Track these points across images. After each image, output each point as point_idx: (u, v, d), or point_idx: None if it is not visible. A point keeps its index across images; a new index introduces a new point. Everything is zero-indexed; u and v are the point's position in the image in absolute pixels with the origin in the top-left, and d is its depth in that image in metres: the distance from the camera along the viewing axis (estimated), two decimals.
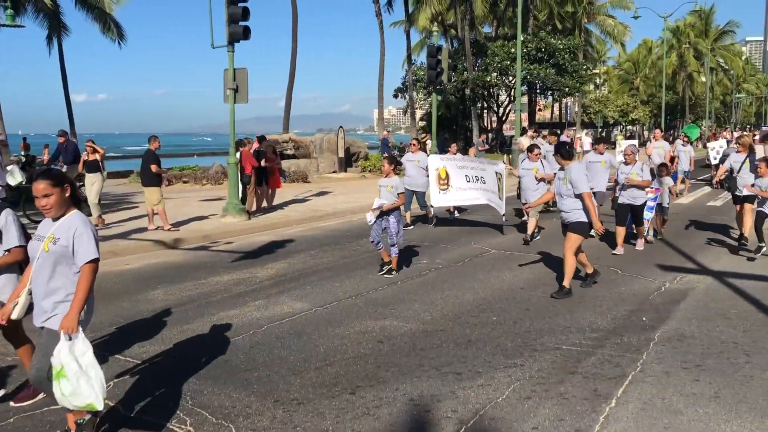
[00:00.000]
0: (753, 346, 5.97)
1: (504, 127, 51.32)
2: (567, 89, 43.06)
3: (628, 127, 73.87)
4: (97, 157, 13.13)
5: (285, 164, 22.93)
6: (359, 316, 7.02)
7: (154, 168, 12.42)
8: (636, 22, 73.91)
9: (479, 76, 39.86)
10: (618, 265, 9.64)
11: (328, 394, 4.94)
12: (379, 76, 37.44)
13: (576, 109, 59.37)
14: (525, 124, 43.98)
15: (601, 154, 12.26)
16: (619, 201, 10.87)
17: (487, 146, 31.30)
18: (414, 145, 13.86)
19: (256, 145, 15.35)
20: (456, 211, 14.66)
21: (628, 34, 56.02)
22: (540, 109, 65.95)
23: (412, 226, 13.28)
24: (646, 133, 74.59)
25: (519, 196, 12.69)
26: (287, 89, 33.66)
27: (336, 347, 6.00)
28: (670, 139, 22.32)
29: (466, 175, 12.89)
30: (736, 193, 11.30)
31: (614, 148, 24.68)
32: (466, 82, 39.15)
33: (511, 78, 40.08)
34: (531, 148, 11.90)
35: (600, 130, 58.90)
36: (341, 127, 27.80)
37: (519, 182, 12.23)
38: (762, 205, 10.07)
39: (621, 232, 10.66)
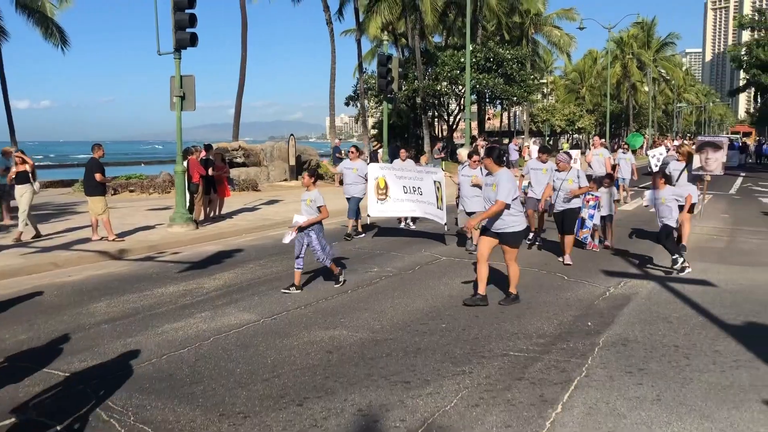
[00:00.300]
0: (692, 348, 6.14)
1: (454, 135, 51.85)
2: (515, 98, 43.81)
3: (574, 136, 75.55)
4: (27, 168, 12.66)
5: (235, 172, 22.66)
6: (308, 326, 6.96)
7: (98, 177, 12.10)
8: (581, 33, 75.93)
9: (430, 85, 40.21)
10: (564, 270, 9.81)
11: (275, 406, 4.87)
12: (330, 84, 37.40)
13: (524, 118, 60.43)
14: (475, 132, 44.57)
15: (544, 162, 11.91)
16: (555, 209, 10.65)
17: (443, 154, 31.43)
18: (353, 152, 13.52)
19: (203, 154, 15.12)
20: (411, 222, 14.35)
21: (574, 44, 57.39)
22: (489, 118, 66.87)
23: (363, 234, 13.26)
24: (597, 139, 76.23)
25: (458, 204, 12.16)
26: (237, 97, 33.31)
27: (284, 358, 5.92)
28: (615, 147, 22.61)
29: (403, 186, 12.67)
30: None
31: None
32: (416, 91, 39.44)
33: (460, 87, 40.56)
34: (470, 155, 11.62)
35: (548, 138, 60.02)
36: (292, 135, 27.63)
37: (458, 189, 11.92)
38: (664, 218, 9.86)
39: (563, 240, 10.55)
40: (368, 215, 13.21)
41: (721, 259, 10.77)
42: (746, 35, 57.63)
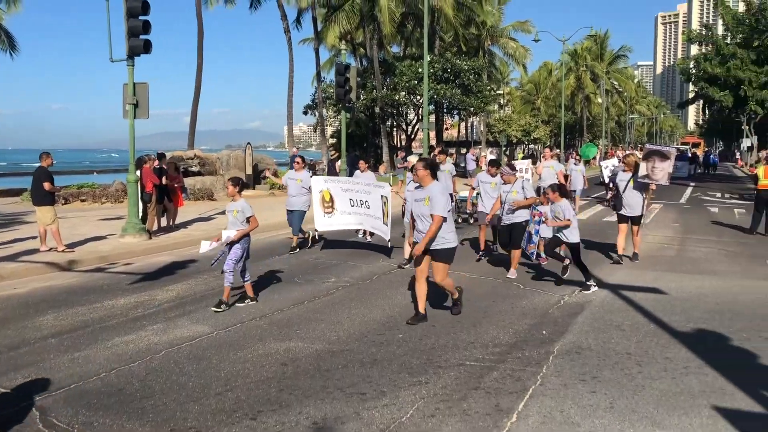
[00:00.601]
0: (644, 356, 6.24)
1: (413, 144, 52.10)
2: (472, 109, 44.22)
3: (530, 146, 76.71)
4: None
5: (190, 182, 22.33)
6: (263, 338, 6.85)
7: (46, 186, 11.75)
8: (537, 45, 77.41)
9: (388, 94, 40.34)
10: (520, 279, 9.89)
11: (228, 420, 4.76)
12: (288, 93, 37.25)
13: (481, 128, 61.06)
14: (433, 142, 44.85)
15: (493, 176, 11.38)
16: (502, 222, 10.36)
17: (406, 163, 31.12)
18: (298, 163, 12.91)
19: (157, 163, 14.84)
20: (369, 236, 13.75)
21: (530, 56, 58.25)
22: (447, 128, 67.49)
23: (298, 250, 12.54)
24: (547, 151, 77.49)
25: (404, 215, 11.55)
26: (192, 104, 32.89)
27: (238, 371, 5.81)
28: (567, 157, 22.50)
29: (350, 199, 12.33)
30: (622, 212, 11.59)
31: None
32: (375, 101, 39.52)
33: (419, 97, 40.78)
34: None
35: (504, 148, 60.79)
36: (249, 143, 27.41)
37: (404, 204, 11.46)
38: (557, 229, 9.63)
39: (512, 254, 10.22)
40: (316, 229, 12.78)
41: (671, 268, 11.01)
42: (695, 49, 59.40)
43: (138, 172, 13.81)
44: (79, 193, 22.15)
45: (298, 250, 12.53)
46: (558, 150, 34.92)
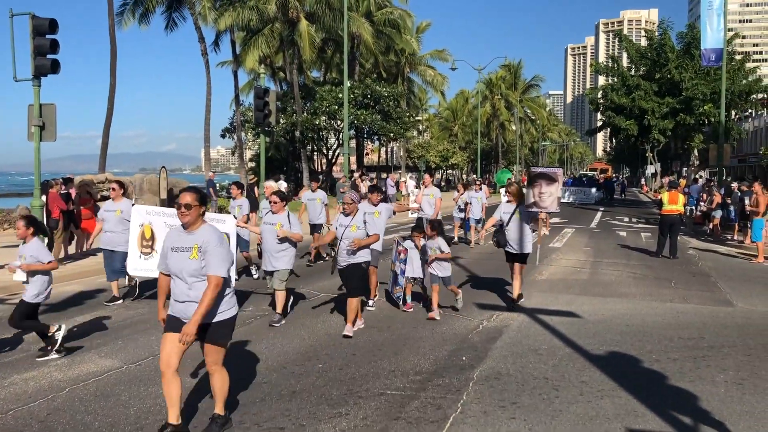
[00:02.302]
0: (561, 380, 6.35)
1: (334, 169, 52.13)
2: (392, 134, 44.81)
3: (448, 171, 78.12)
4: None
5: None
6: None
7: None
8: (454, 73, 79.63)
9: (308, 119, 40.29)
10: (442, 303, 9.89)
11: None
12: (205, 116, 36.53)
13: (401, 154, 61.85)
14: (353, 166, 45.01)
15: (376, 205, 9.98)
16: (338, 264, 8.27)
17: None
18: (114, 190, 10.34)
19: (63, 188, 14.16)
20: (256, 271, 12.08)
21: (447, 84, 59.68)
22: (368, 153, 68.00)
23: (122, 301, 10.10)
24: (464, 176, 79.23)
25: (260, 255, 10.00)
26: (104, 126, 31.76)
27: (149, 408, 5.52)
28: (464, 184, 20.04)
29: None
30: (507, 249, 9.84)
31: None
32: (295, 125, 39.37)
33: (339, 122, 40.97)
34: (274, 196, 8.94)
35: (424, 173, 61.81)
36: (164, 167, 26.59)
37: (259, 241, 9.75)
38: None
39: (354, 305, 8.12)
40: (127, 273, 9.96)
41: (584, 291, 11.35)
42: (602, 80, 62.40)
43: (44, 197, 13.13)
44: None
45: (121, 301, 10.05)
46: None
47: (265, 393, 5.93)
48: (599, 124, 58.93)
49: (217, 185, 30.81)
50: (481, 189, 18.58)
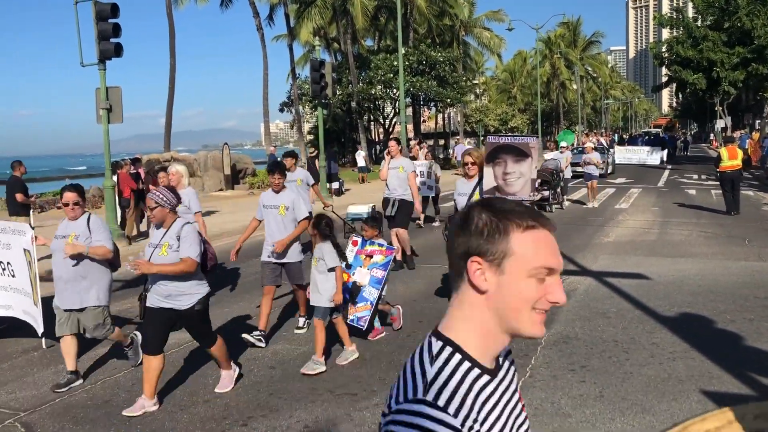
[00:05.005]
0: (631, 343, 6.27)
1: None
2: (449, 100, 44.30)
3: (508, 135, 76.77)
4: None
5: None
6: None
7: (19, 197, 11.55)
8: (511, 34, 77.94)
9: (364, 89, 40.26)
10: None
11: (218, 428, 4.70)
12: (263, 91, 37.00)
13: (459, 119, 61.21)
14: (411, 134, 44.86)
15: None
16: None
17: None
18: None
19: (132, 167, 14.68)
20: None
21: (504, 45, 58.43)
22: (425, 120, 67.51)
23: None
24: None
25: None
26: (167, 106, 32.56)
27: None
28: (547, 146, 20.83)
29: None
30: None
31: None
32: (351, 96, 39.43)
33: (395, 90, 40.75)
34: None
35: (482, 138, 60.97)
36: (226, 143, 27.18)
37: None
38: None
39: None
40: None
41: (652, 252, 11.10)
42: (666, 33, 59.92)
43: (114, 178, 13.64)
44: (55, 200, 21.80)
45: None
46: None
47: (331, 362, 6.07)
48: (665, 79, 56.72)
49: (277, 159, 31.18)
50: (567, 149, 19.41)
